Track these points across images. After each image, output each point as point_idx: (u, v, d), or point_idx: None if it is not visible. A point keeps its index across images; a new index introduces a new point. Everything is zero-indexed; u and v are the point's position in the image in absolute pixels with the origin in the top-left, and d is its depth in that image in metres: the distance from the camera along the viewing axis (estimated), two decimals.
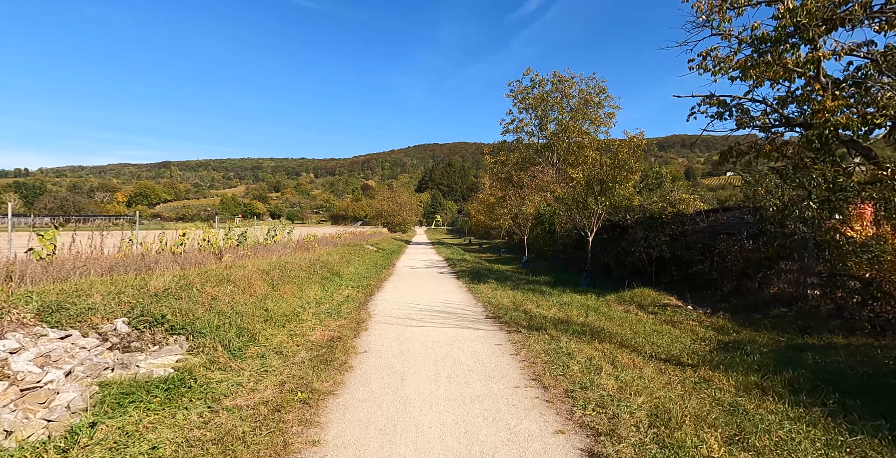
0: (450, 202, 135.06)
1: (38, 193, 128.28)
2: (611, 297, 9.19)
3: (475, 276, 12.59)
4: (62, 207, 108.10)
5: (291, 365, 3.99)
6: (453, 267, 15.63)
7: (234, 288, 6.03)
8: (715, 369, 4.20)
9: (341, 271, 11.30)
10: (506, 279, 12.19)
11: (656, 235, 10.36)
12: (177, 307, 4.44)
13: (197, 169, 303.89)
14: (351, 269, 12.22)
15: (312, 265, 10.50)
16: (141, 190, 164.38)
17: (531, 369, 4.09)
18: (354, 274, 11.48)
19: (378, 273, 12.47)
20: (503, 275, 13.52)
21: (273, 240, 16.94)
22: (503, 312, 7.02)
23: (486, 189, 45.58)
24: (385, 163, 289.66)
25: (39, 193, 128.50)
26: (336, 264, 11.78)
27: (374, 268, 13.76)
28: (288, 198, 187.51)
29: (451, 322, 6.26)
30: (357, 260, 14.74)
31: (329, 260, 12.00)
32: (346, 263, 13.01)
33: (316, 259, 11.51)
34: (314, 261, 11.08)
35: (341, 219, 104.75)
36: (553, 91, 27.93)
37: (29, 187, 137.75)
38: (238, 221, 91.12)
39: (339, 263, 12.31)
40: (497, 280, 11.86)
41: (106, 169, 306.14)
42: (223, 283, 6.00)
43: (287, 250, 14.68)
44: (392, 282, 11.13)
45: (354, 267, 12.75)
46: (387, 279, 11.59)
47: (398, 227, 62.04)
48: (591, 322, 6.37)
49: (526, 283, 11.59)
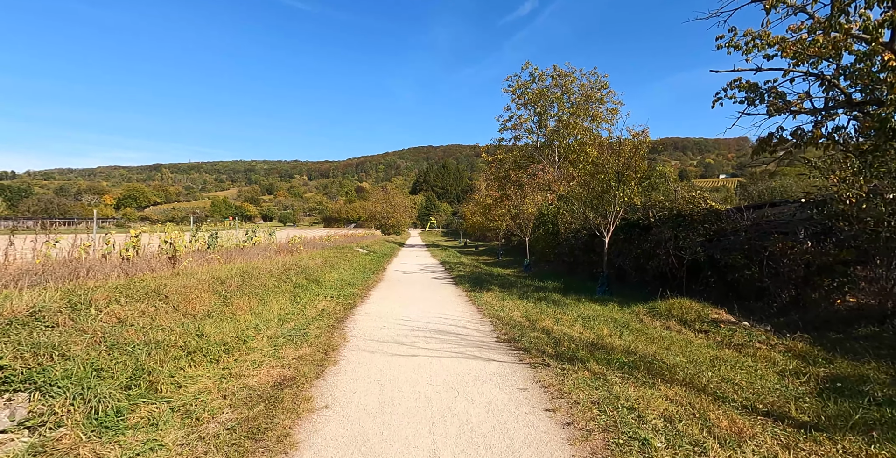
0: (444, 204, 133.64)
1: (22, 195, 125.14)
2: (639, 308, 7.71)
3: (476, 282, 11.08)
4: (46, 210, 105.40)
5: (195, 444, 2.43)
6: (450, 271, 14.10)
7: (163, 305, 4.47)
8: (856, 434, 2.73)
9: (322, 277, 9.72)
10: (510, 286, 10.68)
11: (688, 234, 8.92)
12: (33, 343, 2.87)
13: (189, 171, 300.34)
14: (334, 274, 10.64)
15: (286, 271, 8.92)
16: (130, 192, 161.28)
17: (587, 445, 2.55)
18: (337, 281, 9.90)
19: (365, 279, 10.90)
20: (506, 280, 12.02)
21: (252, 242, 15.36)
22: (518, 331, 5.51)
23: (483, 190, 44.19)
24: (379, 165, 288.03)
25: (25, 195, 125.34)
26: (317, 270, 10.20)
27: (361, 273, 12.18)
28: (281, 200, 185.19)
29: (452, 348, 4.73)
30: (343, 264, 13.16)
31: (309, 265, 10.43)
32: (330, 267, 11.44)
33: (293, 264, 9.92)
34: (290, 266, 9.49)
35: (334, 221, 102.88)
36: (553, 86, 26.58)
37: (14, 190, 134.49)
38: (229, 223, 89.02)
39: (320, 267, 10.74)
40: (501, 287, 10.35)
41: (95, 171, 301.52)
42: (147, 298, 4.44)
43: (266, 254, 13.11)
44: (381, 290, 9.57)
45: (339, 272, 11.17)
46: (375, 287, 10.03)
47: (392, 229, 60.47)
48: (635, 347, 4.88)
49: (534, 290, 10.10)
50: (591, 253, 13.83)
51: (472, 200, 53.01)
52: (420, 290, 9.79)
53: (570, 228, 17.34)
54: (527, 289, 10.19)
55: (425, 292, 9.55)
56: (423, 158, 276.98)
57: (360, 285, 9.92)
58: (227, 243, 14.08)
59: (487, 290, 9.70)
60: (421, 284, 10.95)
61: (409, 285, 10.72)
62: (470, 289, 9.86)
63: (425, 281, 11.49)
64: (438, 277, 12.63)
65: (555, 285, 11.18)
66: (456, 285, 10.69)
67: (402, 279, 11.74)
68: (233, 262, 10.58)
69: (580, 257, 14.59)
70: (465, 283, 10.88)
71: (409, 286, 10.37)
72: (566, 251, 15.77)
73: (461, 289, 10.00)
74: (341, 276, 10.76)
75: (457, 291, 9.81)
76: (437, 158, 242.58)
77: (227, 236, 14.96)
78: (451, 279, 11.98)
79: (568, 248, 15.58)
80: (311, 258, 12.14)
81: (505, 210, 28.98)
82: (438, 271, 14.36)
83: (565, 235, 17.32)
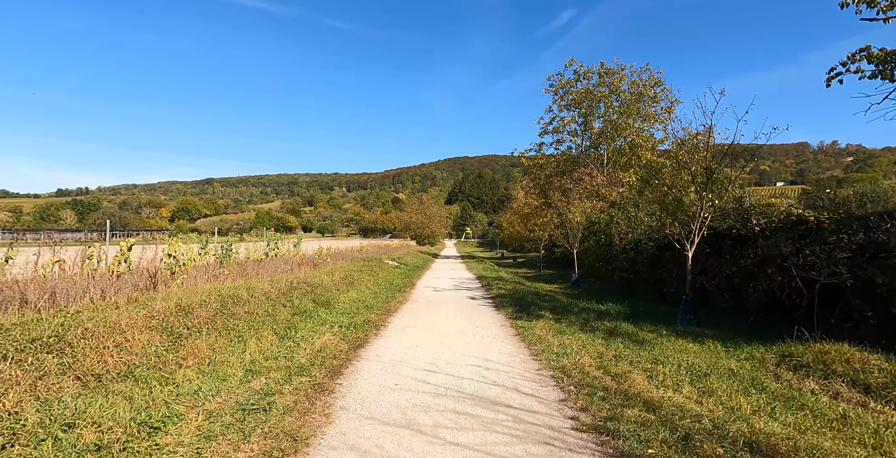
0: (480, 214, 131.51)
1: (91, 209, 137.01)
2: (759, 352, 5.42)
3: (520, 303, 9.05)
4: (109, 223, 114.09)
5: None
6: (489, 289, 12.12)
7: (53, 361, 2.91)
8: None
9: (335, 298, 8.10)
10: (564, 310, 8.55)
11: (819, 248, 6.47)
12: None
13: (237, 185, 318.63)
14: (352, 294, 9.02)
15: (291, 291, 7.36)
16: (183, 205, 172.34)
17: None
18: (354, 302, 8.24)
19: (388, 301, 9.18)
20: (556, 302, 9.89)
21: (273, 254, 14.17)
22: (601, 403, 3.49)
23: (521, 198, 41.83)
24: (415, 176, 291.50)
25: (93, 209, 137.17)
26: (331, 288, 8.62)
27: (385, 291, 10.50)
28: (320, 212, 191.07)
29: (500, 445, 2.81)
30: (367, 280, 11.58)
31: (323, 281, 8.87)
32: (349, 284, 9.85)
33: (304, 281, 8.39)
34: (298, 284, 7.95)
35: (370, 232, 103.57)
36: (599, 84, 24.20)
37: (85, 205, 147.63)
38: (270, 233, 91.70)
39: (337, 285, 9.16)
40: (553, 311, 8.26)
41: (156, 187, 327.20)
42: (33, 350, 2.89)
43: (287, 267, 11.84)
44: (404, 316, 7.78)
45: (358, 291, 9.54)
46: (397, 311, 8.27)
47: (427, 239, 59.21)
48: (814, 444, 2.74)
49: (596, 317, 7.92)
50: (658, 269, 11.42)
51: (510, 209, 50.69)
52: (453, 316, 7.91)
53: (626, 238, 14.92)
54: (586, 315, 8.03)
55: (459, 319, 7.65)
56: (459, 169, 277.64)
57: (381, 308, 8.19)
58: (254, 254, 12.95)
59: (537, 317, 7.66)
60: (454, 306, 9.08)
61: (440, 307, 8.88)
62: (515, 314, 7.87)
63: (460, 302, 9.62)
64: (475, 296, 10.70)
65: (618, 309, 8.94)
66: (497, 309, 8.73)
67: (432, 299, 9.93)
68: (244, 278, 9.27)
69: (644, 273, 12.15)
70: (508, 305, 8.89)
71: (440, 310, 8.53)
72: (624, 266, 13.35)
73: (504, 315, 8.03)
74: (360, 296, 9.11)
75: (498, 317, 7.85)
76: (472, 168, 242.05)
77: (254, 248, 13.93)
78: (490, 300, 10.03)
79: (626, 262, 13.17)
80: (331, 273, 10.63)
81: (546, 219, 26.68)
82: (475, 289, 12.43)
83: (620, 246, 14.91)
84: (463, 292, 11.33)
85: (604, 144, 24.58)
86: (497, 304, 9.26)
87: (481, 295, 10.88)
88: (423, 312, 8.25)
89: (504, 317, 7.83)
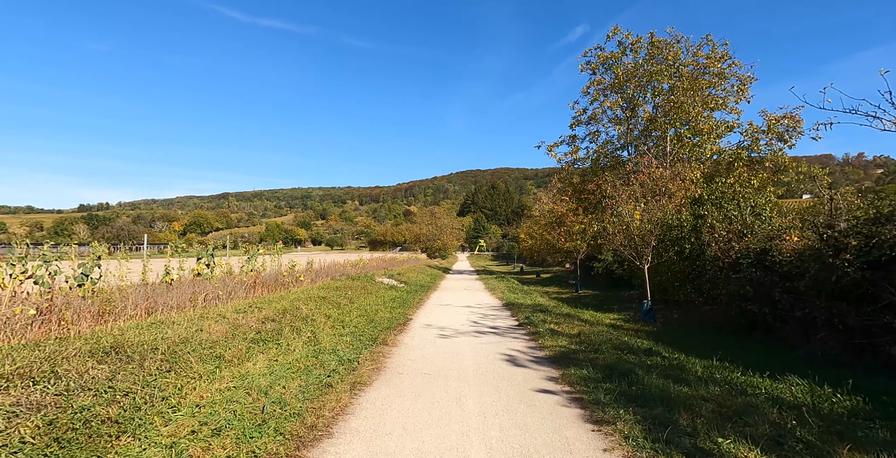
0: (494, 226, 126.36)
1: (104, 223, 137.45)
2: None
3: (623, 385, 4.08)
4: (118, 237, 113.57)
5: None
6: (533, 332, 7.11)
7: None
8: None
9: (178, 403, 3.29)
10: (747, 413, 3.60)
11: None
12: None
13: (252, 199, 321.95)
14: (255, 365, 4.15)
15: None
16: (195, 219, 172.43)
17: None
18: (227, 399, 3.37)
19: (330, 377, 4.19)
20: (686, 374, 4.86)
21: (209, 272, 9.76)
22: None
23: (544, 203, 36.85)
24: (427, 189, 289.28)
25: (105, 223, 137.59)
26: (222, 347, 3.87)
27: (348, 344, 5.64)
28: (332, 225, 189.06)
29: None
30: (330, 315, 6.82)
31: (213, 335, 4.13)
32: (269, 339, 5.04)
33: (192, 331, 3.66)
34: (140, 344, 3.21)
35: (379, 244, 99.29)
36: (651, 57, 19.34)
37: (100, 219, 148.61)
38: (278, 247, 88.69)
39: (251, 336, 4.40)
40: (716, 407, 3.33)
41: (173, 201, 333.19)
42: None
43: (226, 292, 7.40)
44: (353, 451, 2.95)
45: (279, 352, 4.66)
46: (342, 416, 3.40)
47: (438, 252, 54.42)
48: None
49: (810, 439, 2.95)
50: (839, 300, 6.37)
51: (530, 218, 45.65)
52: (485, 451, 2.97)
53: (732, 248, 9.88)
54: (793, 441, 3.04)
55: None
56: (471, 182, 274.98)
57: (293, 413, 3.29)
58: (187, 271, 8.59)
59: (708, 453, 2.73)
60: (483, 398, 4.04)
61: (450, 400, 3.88)
62: (652, 440, 2.95)
63: (492, 379, 4.53)
64: (515, 355, 5.71)
65: (845, 405, 3.87)
66: (585, 408, 3.72)
67: (430, 369, 4.96)
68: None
69: (814, 308, 6.96)
70: (600, 389, 3.91)
71: (450, 414, 3.58)
72: (743, 292, 8.27)
73: (622, 440, 3.09)
74: (275, 367, 4.16)
75: (604, 446, 2.93)
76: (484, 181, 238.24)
77: (220, 263, 9.76)
78: (551, 368, 4.96)
79: (750, 284, 8.13)
80: (264, 307, 5.91)
81: (582, 227, 21.62)
82: (508, 331, 7.47)
83: (725, 259, 9.88)
84: (490, 344, 6.35)
85: (656, 131, 19.57)
86: (573, 382, 4.25)
87: (527, 350, 5.91)
88: (402, 424, 3.33)
89: (630, 450, 2.89)
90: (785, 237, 8.52)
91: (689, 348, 6.73)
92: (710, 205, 11.00)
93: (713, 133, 18.50)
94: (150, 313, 6.88)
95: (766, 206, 10.99)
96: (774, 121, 17.30)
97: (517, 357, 5.35)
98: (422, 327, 7.59)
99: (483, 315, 9.15)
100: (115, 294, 6.34)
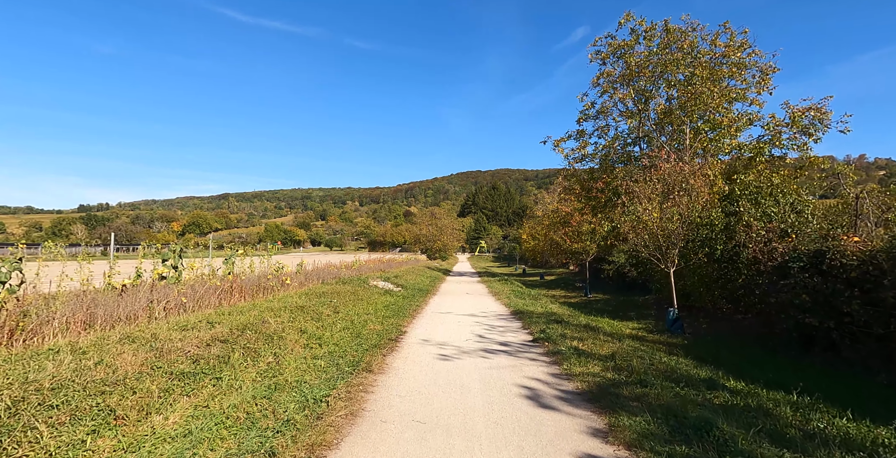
0: (495, 227, 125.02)
1: (102, 224, 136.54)
2: None
3: (703, 444, 2.89)
4: (115, 237, 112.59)
5: None
6: (553, 350, 5.85)
7: None
8: None
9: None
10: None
11: None
12: None
13: (252, 200, 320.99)
14: (171, 422, 2.96)
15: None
16: (194, 220, 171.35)
17: None
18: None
19: (283, 445, 2.93)
20: (767, 420, 3.62)
21: (221, 274, 8.62)
22: None
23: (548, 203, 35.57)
24: (428, 190, 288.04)
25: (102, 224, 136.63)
26: (137, 392, 2.69)
27: (321, 370, 4.44)
28: (332, 225, 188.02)
29: None
30: (306, 330, 5.61)
31: (127, 373, 2.93)
32: (206, 376, 3.83)
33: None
34: None
35: (379, 245, 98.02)
36: (666, 46, 18.06)
37: (98, 219, 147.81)
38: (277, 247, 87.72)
39: (153, 389, 3.20)
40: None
41: (174, 202, 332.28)
42: None
43: (213, 297, 6.21)
44: None
45: (230, 389, 3.48)
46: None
47: (438, 253, 53.11)
48: None
49: None
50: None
51: (533, 218, 44.36)
52: None
53: (774, 250, 8.66)
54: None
55: None
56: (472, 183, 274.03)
57: None
58: (148, 274, 7.37)
59: None
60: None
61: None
62: None
63: (511, 437, 3.23)
64: (537, 388, 4.41)
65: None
66: None
67: (424, 414, 3.65)
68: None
69: (857, 313, 5.74)
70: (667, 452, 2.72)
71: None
72: (800, 302, 7.01)
73: None
74: (195, 428, 2.86)
75: None
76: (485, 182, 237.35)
77: (192, 264, 8.66)
78: (590, 407, 3.69)
79: (807, 292, 6.91)
80: (194, 327, 4.68)
81: (593, 226, 20.34)
82: (521, 348, 6.21)
83: (766, 262, 8.65)
84: (503, 370, 5.08)
85: (671, 124, 18.31)
86: (632, 442, 2.93)
87: (550, 379, 4.63)
88: None
89: None
90: (843, 237, 7.26)
91: (741, 371, 5.47)
92: (745, 201, 9.73)
93: (733, 127, 17.21)
94: (88, 327, 5.65)
95: (807, 202, 9.73)
96: (799, 113, 15.99)
97: (541, 392, 4.09)
98: (418, 344, 6.33)
99: (490, 327, 7.87)
100: (41, 305, 5.10)
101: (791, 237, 8.61)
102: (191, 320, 4.90)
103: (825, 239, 7.41)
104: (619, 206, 17.76)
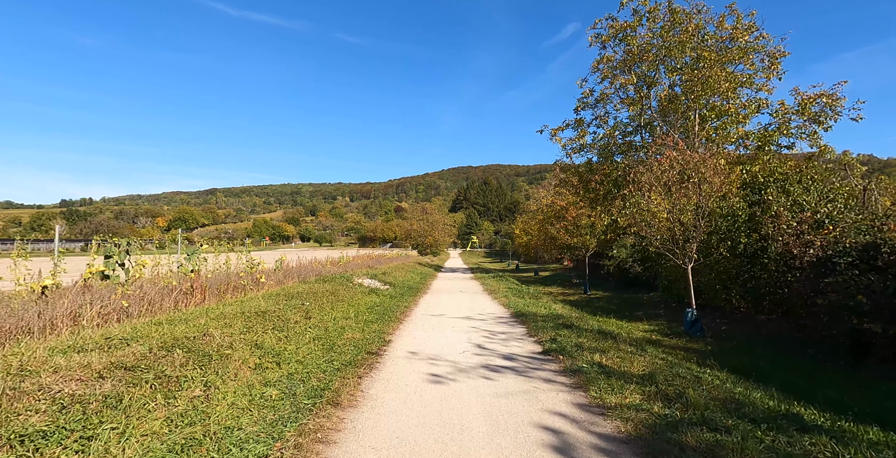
0: (486, 223, 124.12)
1: (84, 219, 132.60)
2: None
3: None
4: (97, 232, 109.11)
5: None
6: (576, 371, 4.73)
7: None
8: None
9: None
10: None
11: None
12: None
13: (240, 195, 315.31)
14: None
15: None
16: (180, 215, 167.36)
17: None
18: None
19: None
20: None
21: (181, 273, 7.25)
22: None
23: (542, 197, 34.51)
24: (419, 186, 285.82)
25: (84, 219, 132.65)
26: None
27: (261, 424, 3.29)
28: (321, 221, 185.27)
29: None
30: (264, 343, 4.45)
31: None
32: (67, 437, 2.72)
33: None
34: None
35: (369, 241, 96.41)
36: (670, 28, 16.96)
37: (79, 214, 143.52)
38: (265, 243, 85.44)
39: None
40: None
41: (160, 197, 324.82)
42: None
43: (168, 300, 4.87)
44: None
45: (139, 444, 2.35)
46: None
47: (429, 249, 51.90)
48: None
49: None
50: None
51: (527, 212, 43.32)
52: None
53: (811, 243, 7.66)
54: None
55: None
56: (463, 178, 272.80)
57: None
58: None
59: None
60: None
61: None
62: None
63: None
64: (565, 431, 3.26)
65: None
66: None
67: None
68: None
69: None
70: None
71: None
72: (857, 305, 5.98)
73: None
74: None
75: None
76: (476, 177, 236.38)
77: (144, 261, 7.30)
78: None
79: (865, 292, 5.86)
80: (95, 348, 3.48)
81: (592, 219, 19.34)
82: (531, 365, 5.09)
83: (803, 257, 7.65)
84: (513, 398, 3.92)
85: (675, 111, 17.27)
86: None
87: (579, 416, 3.49)
88: None
89: None
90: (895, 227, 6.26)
91: (796, 389, 4.44)
92: (773, 188, 8.68)
93: (740, 114, 16.19)
94: None
95: (840, 190, 8.75)
96: (809, 100, 15.01)
97: (570, 438, 2.96)
98: (404, 358, 5.16)
99: (490, 334, 6.73)
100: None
101: (828, 228, 7.61)
102: (93, 339, 3.66)
103: (878, 231, 6.40)
104: (620, 198, 16.69)
